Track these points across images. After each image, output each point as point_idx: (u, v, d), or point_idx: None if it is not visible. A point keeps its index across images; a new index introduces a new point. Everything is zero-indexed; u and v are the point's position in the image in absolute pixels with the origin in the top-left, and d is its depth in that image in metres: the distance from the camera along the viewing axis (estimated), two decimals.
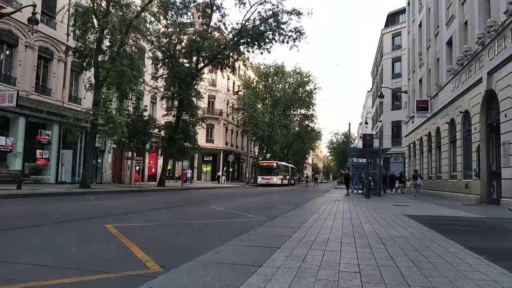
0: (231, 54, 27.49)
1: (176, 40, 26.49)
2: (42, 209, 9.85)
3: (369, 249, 4.77)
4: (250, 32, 26.33)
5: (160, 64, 27.41)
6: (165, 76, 27.98)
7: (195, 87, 28.89)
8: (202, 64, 27.53)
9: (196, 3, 26.37)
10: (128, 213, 9.68)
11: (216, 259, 3.96)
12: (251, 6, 25.74)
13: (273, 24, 26.14)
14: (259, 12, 26.06)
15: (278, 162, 47.27)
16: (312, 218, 8.30)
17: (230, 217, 9.35)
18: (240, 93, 50.40)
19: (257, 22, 26.25)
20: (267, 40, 26.47)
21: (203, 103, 37.68)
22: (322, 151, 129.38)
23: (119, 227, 6.59)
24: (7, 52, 20.38)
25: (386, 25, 50.74)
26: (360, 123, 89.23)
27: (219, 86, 48.91)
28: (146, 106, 29.81)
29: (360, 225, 7.35)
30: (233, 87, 53.98)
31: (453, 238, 5.72)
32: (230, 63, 28.25)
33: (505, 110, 13.52)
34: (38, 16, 17.54)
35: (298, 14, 25.71)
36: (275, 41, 26.62)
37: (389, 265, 3.89)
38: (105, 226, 6.62)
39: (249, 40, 26.81)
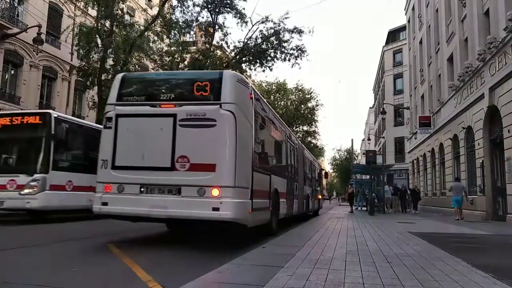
0: None
1: (179, 58, 26.71)
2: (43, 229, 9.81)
3: (374, 267, 4.69)
4: (252, 50, 26.52)
5: None
6: None
7: None
8: None
9: (198, 23, 26.62)
10: (130, 232, 9.61)
11: (218, 279, 3.90)
12: (253, 25, 25.92)
13: (275, 42, 26.34)
14: (260, 30, 26.19)
15: None
16: (316, 236, 8.21)
17: (233, 234, 9.26)
18: None
19: (259, 41, 26.44)
20: (268, 58, 26.61)
21: None
22: (325, 167, 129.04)
23: (121, 246, 6.53)
24: (12, 72, 20.64)
25: (387, 42, 51.20)
26: (363, 140, 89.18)
27: None
28: None
29: (364, 242, 7.25)
30: None
31: (459, 256, 5.62)
32: None
33: (508, 126, 13.49)
34: (43, 36, 17.82)
35: (300, 32, 25.88)
36: (277, 59, 26.74)
37: (395, 284, 3.82)
38: (107, 246, 6.57)
39: (251, 58, 26.98)
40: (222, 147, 6.40)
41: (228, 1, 25.48)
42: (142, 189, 6.64)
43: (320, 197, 22.01)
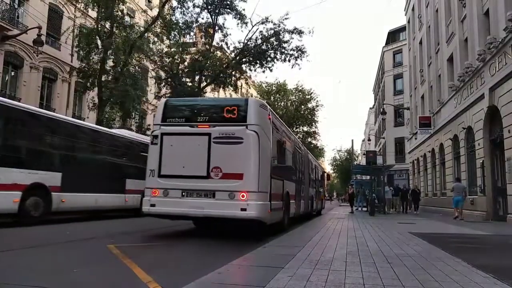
0: (233, 73, 27.68)
1: (179, 59, 26.77)
2: (41, 231, 9.80)
3: (374, 268, 4.68)
4: (252, 51, 26.52)
5: (163, 83, 27.62)
6: (168, 95, 28.12)
7: None
8: (204, 83, 27.74)
9: (198, 23, 26.66)
10: (131, 233, 9.61)
11: (218, 280, 3.89)
12: (253, 26, 25.94)
13: (275, 43, 26.33)
14: (260, 31, 26.19)
15: None
16: (317, 236, 8.20)
17: (233, 235, 9.26)
18: None
19: (259, 41, 26.44)
20: (268, 58, 26.62)
21: None
22: (326, 168, 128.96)
23: (122, 247, 6.53)
24: (12, 73, 20.63)
25: (387, 43, 51.18)
26: (363, 140, 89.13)
27: None
28: (149, 125, 29.91)
29: (365, 243, 7.25)
30: None
31: (460, 256, 5.62)
32: (232, 81, 28.41)
33: (508, 126, 13.48)
34: (43, 38, 17.82)
35: (300, 33, 25.88)
36: (277, 60, 26.73)
37: (395, 284, 3.82)
38: (107, 247, 6.56)
39: (251, 59, 26.97)
40: (248, 160, 7.91)
41: (228, 2, 25.48)
42: (183, 193, 8.11)
43: (323, 198, 24.03)
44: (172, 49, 27.19)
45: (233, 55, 28.21)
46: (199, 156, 8.10)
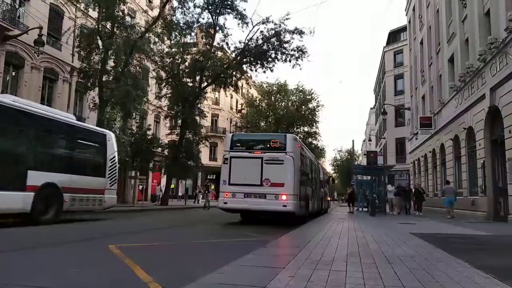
0: (234, 73, 27.69)
1: (180, 60, 26.79)
2: (42, 230, 9.80)
3: (375, 268, 4.67)
4: (253, 51, 26.51)
5: (164, 83, 27.66)
6: (169, 95, 28.21)
7: (199, 106, 29.06)
8: (205, 83, 27.77)
9: (199, 24, 26.69)
10: (131, 233, 9.61)
11: (219, 280, 3.89)
12: (254, 26, 25.94)
13: (276, 43, 26.33)
14: (261, 31, 26.19)
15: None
16: (317, 237, 8.19)
17: (234, 236, 9.26)
18: (243, 111, 50.58)
19: (260, 42, 26.44)
20: (269, 59, 26.62)
21: (206, 122, 37.84)
22: (326, 168, 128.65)
23: (122, 247, 6.53)
24: (13, 74, 20.64)
25: (388, 43, 51.15)
26: (364, 140, 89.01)
27: (222, 105, 49.15)
28: (149, 125, 29.94)
29: (365, 244, 7.23)
30: (236, 106, 54.27)
31: (460, 257, 5.60)
32: (233, 82, 28.45)
33: (509, 126, 13.47)
34: (44, 38, 17.83)
35: (300, 33, 25.89)
36: (278, 60, 26.74)
37: (396, 285, 3.81)
38: (108, 247, 6.56)
39: (252, 59, 26.98)
40: (286, 174, 12.17)
41: (229, 2, 25.49)
42: (245, 195, 12.26)
43: (329, 198, 29.28)
44: (173, 49, 27.23)
45: (233, 55, 28.23)
46: (255, 171, 12.18)
